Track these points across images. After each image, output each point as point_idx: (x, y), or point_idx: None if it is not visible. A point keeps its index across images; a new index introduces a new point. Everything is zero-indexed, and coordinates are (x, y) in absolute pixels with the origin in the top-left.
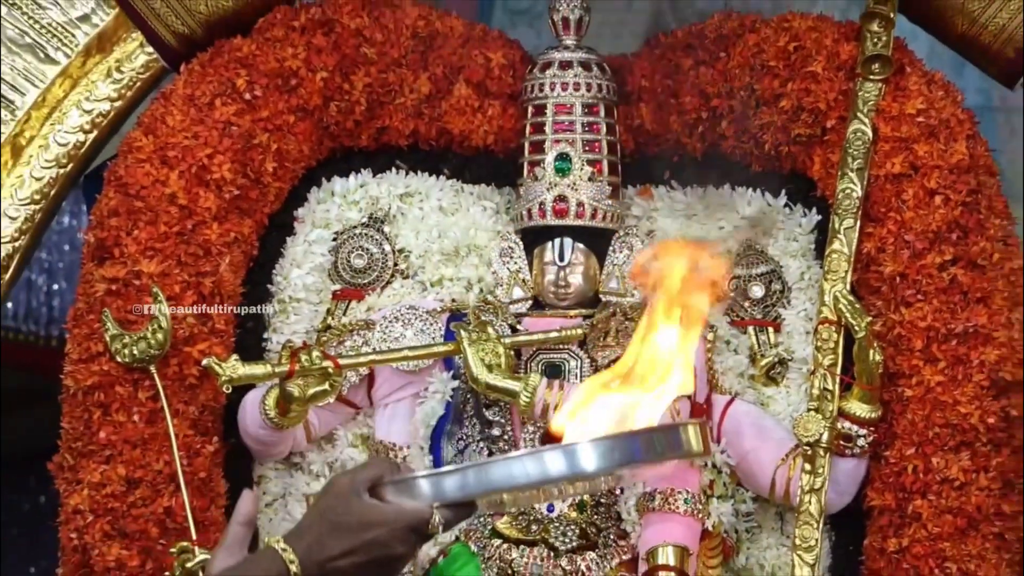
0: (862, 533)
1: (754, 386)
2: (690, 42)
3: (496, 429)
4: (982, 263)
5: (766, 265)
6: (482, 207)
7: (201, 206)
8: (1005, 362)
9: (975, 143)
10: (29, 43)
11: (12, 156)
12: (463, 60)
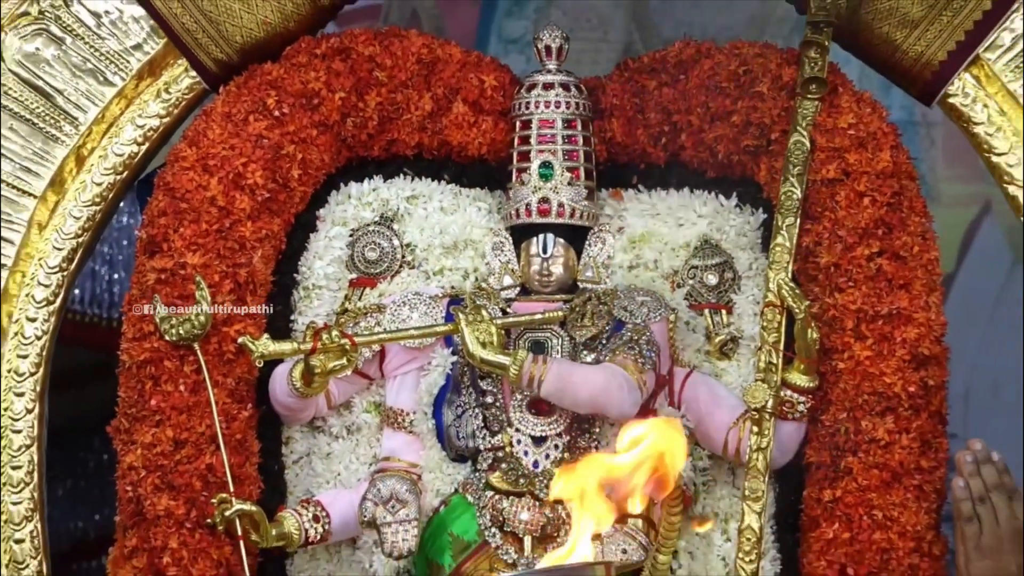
0: (802, 485)
1: (709, 360)
2: (654, 66)
3: (489, 397)
4: (904, 255)
5: (720, 257)
6: (477, 207)
7: (237, 207)
8: (924, 339)
9: (898, 152)
10: (91, 68)
11: (76, 165)
12: (461, 82)
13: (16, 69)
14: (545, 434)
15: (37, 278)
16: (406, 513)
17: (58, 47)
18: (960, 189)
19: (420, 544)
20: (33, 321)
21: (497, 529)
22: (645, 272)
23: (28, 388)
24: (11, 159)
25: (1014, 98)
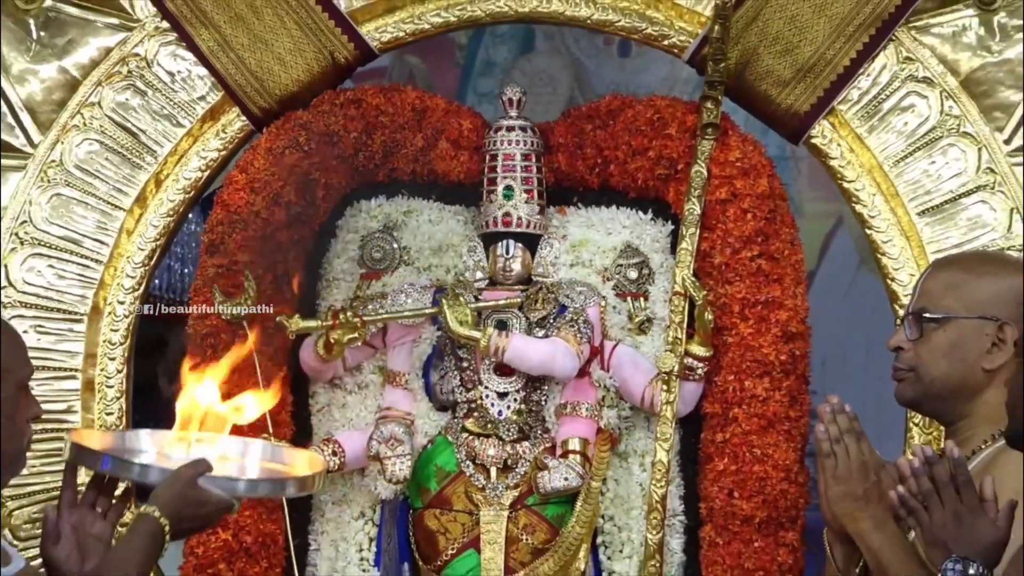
0: (700, 429)
1: (631, 335)
2: (590, 114)
3: (465, 362)
4: (777, 256)
5: (639, 257)
6: (457, 220)
7: (275, 219)
8: (792, 320)
9: (773, 179)
10: (167, 114)
11: (155, 186)
12: (445, 125)
13: (111, 114)
14: (507, 390)
15: (125, 271)
16: (402, 449)
17: (142, 97)
18: (820, 207)
19: (412, 473)
20: (123, 304)
21: (470, 462)
22: (583, 269)
23: (119, 355)
24: (106, 182)
25: (860, 139)
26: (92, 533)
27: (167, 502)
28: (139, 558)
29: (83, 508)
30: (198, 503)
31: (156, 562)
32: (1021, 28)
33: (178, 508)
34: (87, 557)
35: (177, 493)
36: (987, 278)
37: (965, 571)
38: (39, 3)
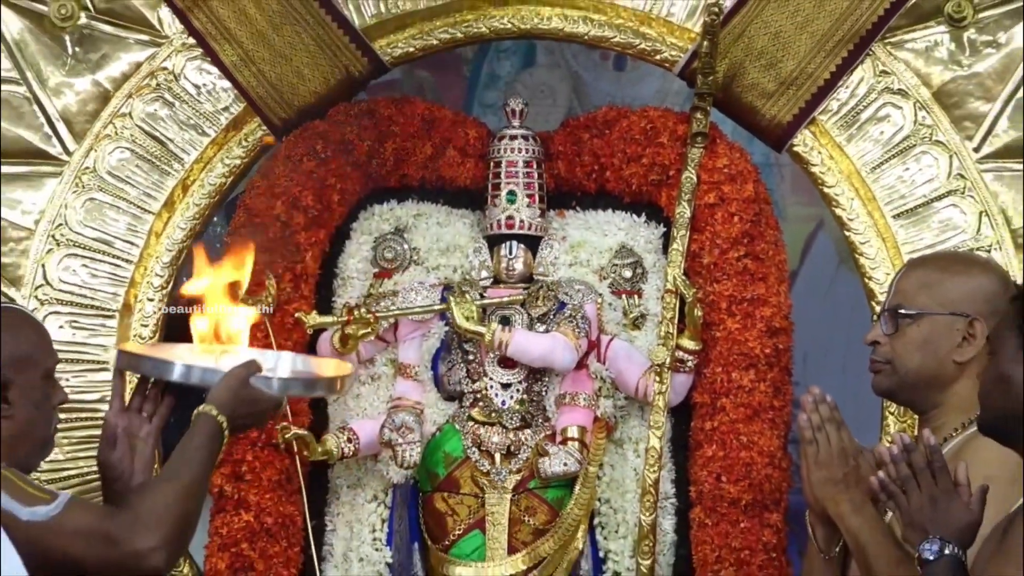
0: (690, 418)
1: (626, 330)
2: (588, 124)
3: (471, 355)
4: (762, 256)
5: (633, 258)
6: (463, 222)
7: (294, 221)
8: (776, 316)
9: (759, 185)
10: (193, 123)
11: (182, 191)
12: (452, 134)
13: (141, 124)
14: (510, 381)
15: (154, 271)
16: (413, 436)
17: (170, 108)
18: (802, 210)
19: (422, 458)
20: (151, 301)
21: (476, 448)
22: (581, 268)
23: None
24: (137, 187)
25: (839, 147)
26: (140, 436)
27: (223, 401)
28: (202, 455)
29: (131, 413)
30: (251, 401)
31: (216, 458)
32: (989, 44)
33: (233, 406)
34: (136, 459)
35: (232, 392)
36: (958, 277)
37: (941, 551)
38: (74, 21)
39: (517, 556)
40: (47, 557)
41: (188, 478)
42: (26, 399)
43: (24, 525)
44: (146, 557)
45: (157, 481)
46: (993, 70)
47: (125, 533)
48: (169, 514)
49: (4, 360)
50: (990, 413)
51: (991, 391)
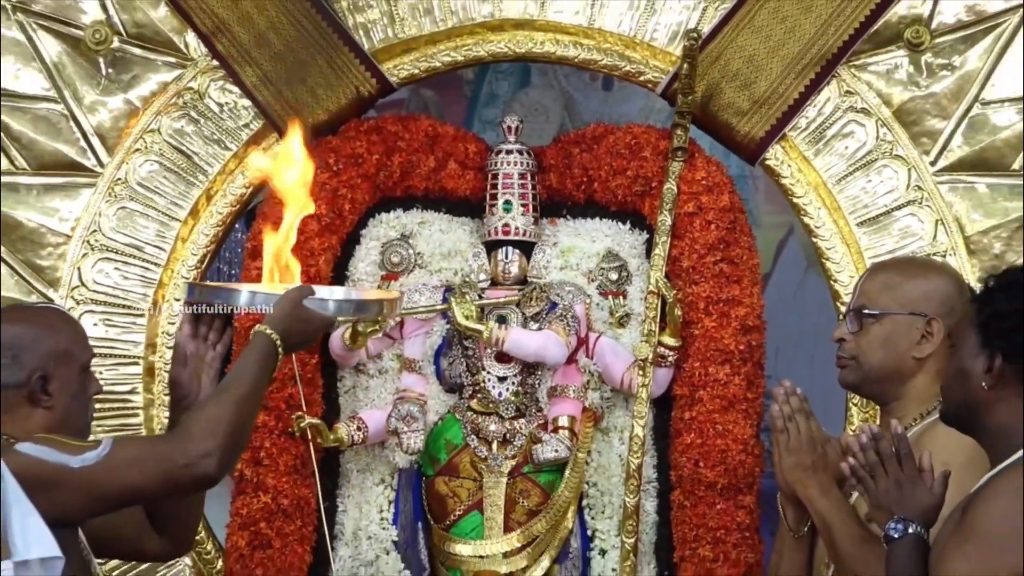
0: (670, 408)
1: (612, 328)
2: (578, 140)
3: (470, 351)
4: (737, 261)
5: (619, 262)
6: (463, 229)
7: (309, 228)
8: (749, 315)
9: (734, 195)
10: (216, 139)
11: (206, 200)
12: (453, 149)
13: (168, 139)
14: (506, 375)
15: (180, 273)
16: (417, 425)
17: (195, 125)
18: (774, 218)
19: (425, 445)
20: (178, 301)
21: (475, 436)
22: (571, 272)
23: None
24: (164, 197)
25: (807, 161)
26: (206, 360)
27: (278, 320)
28: (254, 369)
29: (198, 339)
30: (304, 320)
31: (271, 375)
32: (945, 67)
33: (287, 325)
34: (202, 380)
35: (286, 313)
36: (917, 280)
37: (905, 531)
38: (107, 44)
39: (512, 535)
40: (106, 496)
41: (240, 390)
42: (65, 391)
43: (77, 473)
44: (197, 464)
45: (210, 395)
46: (948, 91)
47: (177, 446)
48: (221, 423)
49: (45, 355)
50: (952, 405)
51: (952, 384)
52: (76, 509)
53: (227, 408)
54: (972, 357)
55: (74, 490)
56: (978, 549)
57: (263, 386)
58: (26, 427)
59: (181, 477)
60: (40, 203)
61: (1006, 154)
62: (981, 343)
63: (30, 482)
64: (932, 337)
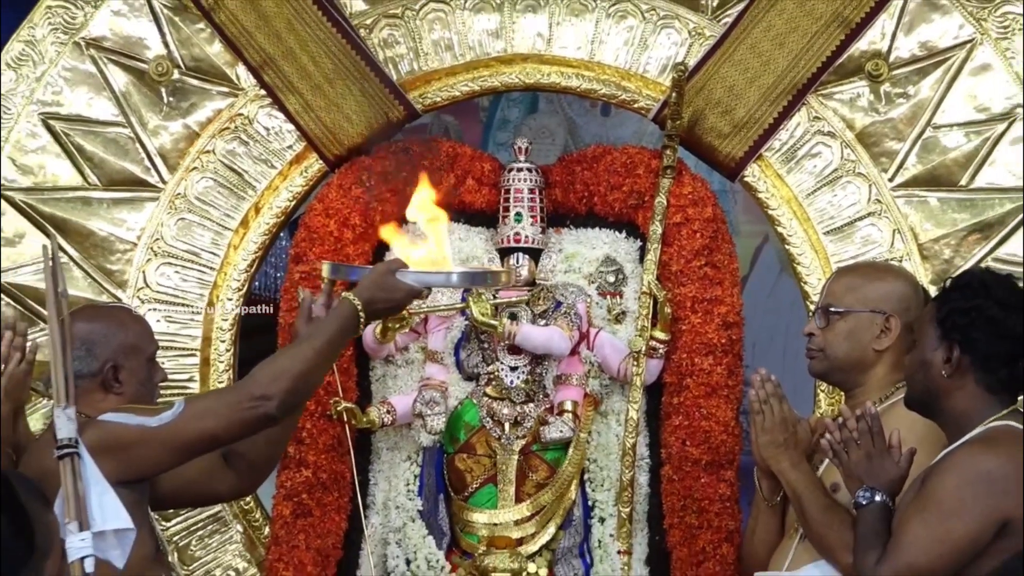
0: (661, 394)
1: (610, 324)
2: (580, 159)
3: (486, 344)
4: (719, 265)
5: (616, 266)
6: (480, 237)
7: (344, 237)
8: (730, 313)
9: (716, 208)
10: (264, 158)
11: (255, 213)
12: (471, 167)
13: (222, 159)
14: (517, 365)
15: (232, 276)
16: (439, 409)
17: (245, 146)
18: (751, 228)
19: (446, 426)
20: (230, 300)
21: (490, 418)
22: (573, 274)
23: (227, 338)
24: (218, 209)
25: (780, 177)
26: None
27: (362, 289)
28: (332, 329)
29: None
30: (390, 288)
31: (349, 337)
32: (901, 95)
33: (372, 293)
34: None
35: (371, 282)
36: (877, 282)
37: (873, 498)
38: (169, 76)
39: (522, 505)
40: (185, 446)
41: (313, 346)
42: (133, 379)
43: (157, 431)
44: (260, 405)
45: (286, 347)
46: (904, 116)
47: (243, 391)
48: (287, 372)
49: (115, 348)
50: (915, 392)
51: (915, 374)
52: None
53: (296, 359)
54: (932, 350)
55: (156, 446)
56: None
57: (337, 346)
58: (100, 410)
59: (247, 417)
60: (110, 215)
61: (955, 172)
62: (940, 337)
63: (114, 444)
64: (890, 332)
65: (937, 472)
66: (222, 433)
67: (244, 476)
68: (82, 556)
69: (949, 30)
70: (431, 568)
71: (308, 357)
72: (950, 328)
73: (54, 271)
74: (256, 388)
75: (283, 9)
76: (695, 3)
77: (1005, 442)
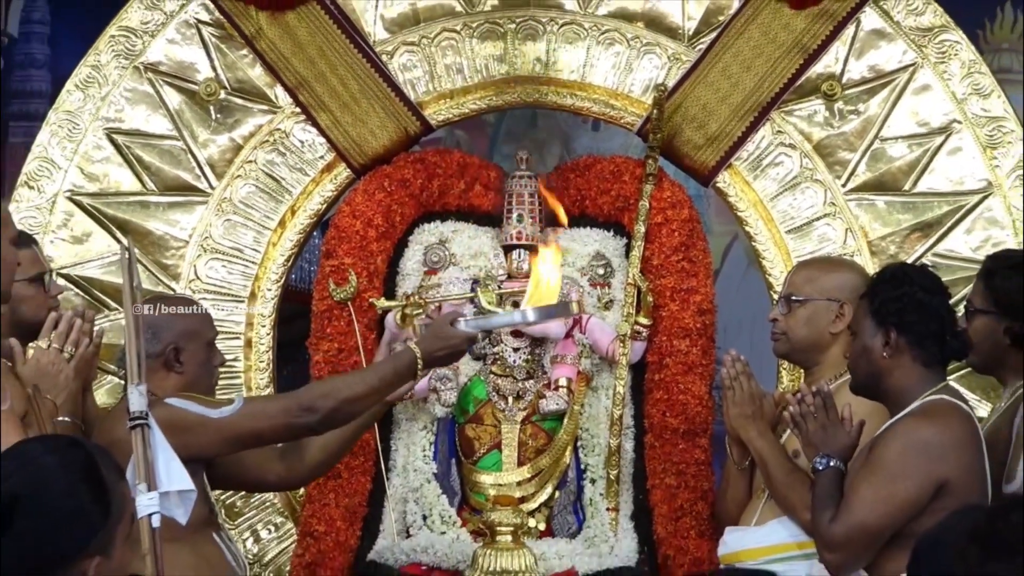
0: (644, 372)
1: (599, 311)
2: (573, 168)
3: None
4: (694, 260)
5: (604, 260)
6: (487, 236)
7: (369, 235)
8: (703, 301)
9: (692, 210)
10: (299, 167)
11: (291, 214)
12: (479, 174)
13: (263, 168)
14: (519, 346)
15: (271, 269)
16: (451, 385)
17: (283, 157)
18: (722, 228)
19: (457, 400)
20: (270, 291)
21: (495, 392)
22: (568, 268)
23: (267, 323)
24: (259, 211)
25: (748, 184)
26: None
27: (423, 339)
28: (386, 371)
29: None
30: (447, 336)
31: (404, 381)
32: (852, 112)
33: (430, 343)
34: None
35: (431, 333)
36: (832, 274)
37: (828, 463)
38: (216, 96)
39: (524, 468)
40: (236, 439)
41: (366, 379)
42: (193, 360)
43: (215, 422)
44: (303, 416)
45: (349, 373)
46: (855, 130)
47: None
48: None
49: (178, 332)
50: (859, 378)
51: (858, 361)
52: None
53: (348, 386)
54: (871, 337)
55: (211, 434)
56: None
57: (389, 386)
58: (163, 387)
59: (292, 423)
60: (165, 216)
61: (899, 178)
62: (877, 325)
63: (175, 425)
64: (844, 317)
65: (882, 441)
66: (268, 433)
67: (294, 472)
68: (150, 513)
69: (894, 55)
70: (444, 523)
71: (358, 388)
72: (885, 315)
73: (130, 265)
74: (307, 400)
75: (315, 38)
76: (674, 32)
77: (941, 414)
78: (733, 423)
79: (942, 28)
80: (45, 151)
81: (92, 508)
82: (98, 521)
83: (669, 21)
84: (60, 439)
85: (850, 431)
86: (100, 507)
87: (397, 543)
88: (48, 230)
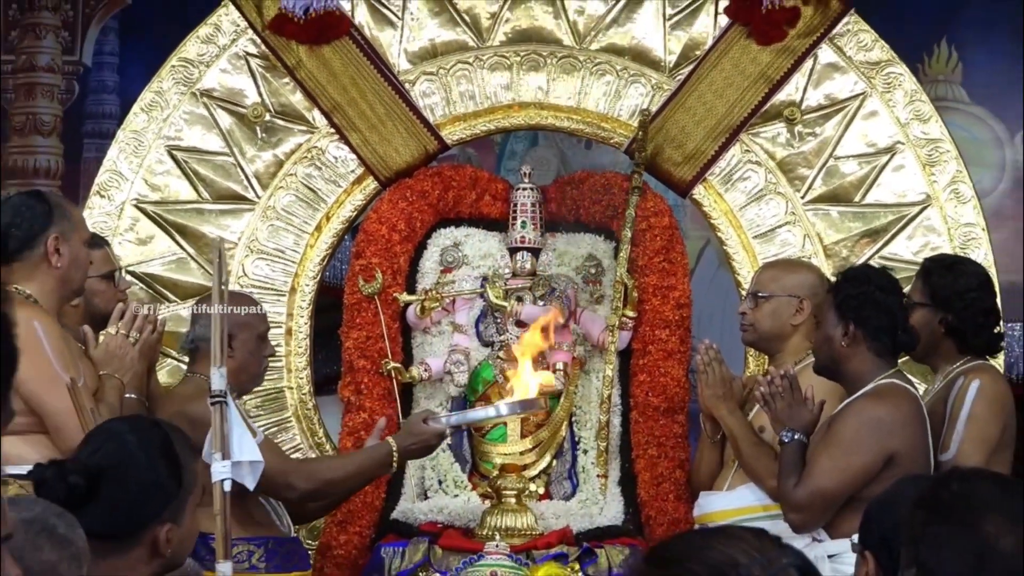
0: (630, 357)
1: (591, 305)
2: (569, 181)
3: (499, 319)
4: (673, 261)
5: (596, 261)
6: (495, 240)
7: (393, 239)
8: (681, 297)
9: (672, 218)
10: (333, 180)
11: (326, 221)
12: (488, 186)
13: (302, 180)
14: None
15: (309, 268)
16: (463, 368)
17: (319, 171)
18: (697, 233)
19: (469, 381)
20: (308, 286)
21: (501, 375)
22: (564, 268)
23: (305, 314)
24: (298, 218)
25: (720, 195)
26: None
27: (399, 435)
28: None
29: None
30: (419, 433)
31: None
32: (810, 134)
33: (405, 438)
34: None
35: (406, 430)
36: (793, 273)
37: (793, 437)
38: (262, 118)
39: (526, 439)
40: None
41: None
42: (243, 348)
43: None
44: (287, 488)
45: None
46: (812, 150)
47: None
48: (321, 478)
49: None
50: (821, 361)
51: (822, 347)
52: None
53: (331, 471)
54: (833, 327)
55: None
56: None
57: (368, 475)
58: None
59: (275, 487)
60: (217, 222)
61: (850, 191)
62: (839, 317)
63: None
64: (803, 311)
65: (840, 418)
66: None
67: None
68: (223, 479)
69: (846, 85)
70: (457, 487)
71: (338, 474)
72: (846, 310)
73: (220, 265)
74: (293, 478)
75: (348, 68)
76: (656, 64)
77: (892, 395)
78: (707, 402)
79: (888, 62)
80: (115, 165)
81: (167, 481)
82: (172, 492)
83: (653, 55)
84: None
85: (812, 409)
86: (174, 480)
87: (416, 504)
88: (117, 233)
